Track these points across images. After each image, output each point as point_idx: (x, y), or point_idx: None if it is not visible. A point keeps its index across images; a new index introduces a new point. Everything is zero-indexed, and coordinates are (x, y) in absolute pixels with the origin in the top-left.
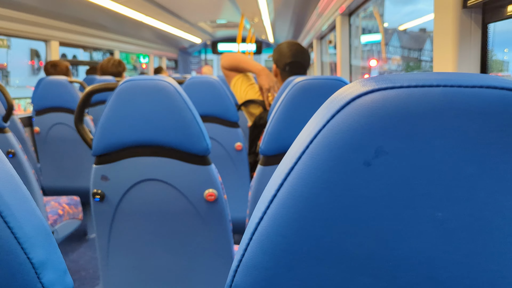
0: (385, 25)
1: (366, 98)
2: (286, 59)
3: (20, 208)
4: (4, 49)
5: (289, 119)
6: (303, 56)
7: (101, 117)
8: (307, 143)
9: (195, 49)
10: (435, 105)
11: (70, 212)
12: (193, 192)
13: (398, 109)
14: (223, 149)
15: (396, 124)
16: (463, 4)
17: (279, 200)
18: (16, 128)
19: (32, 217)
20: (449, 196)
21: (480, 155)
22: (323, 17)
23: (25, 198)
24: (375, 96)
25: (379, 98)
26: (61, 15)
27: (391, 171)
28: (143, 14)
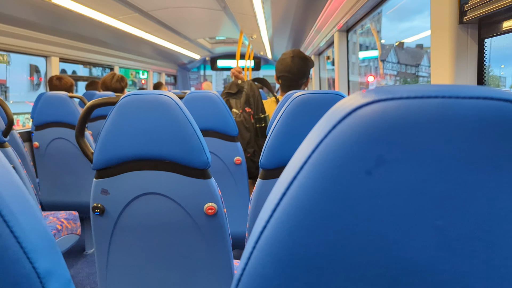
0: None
1: (367, 109)
2: (277, 72)
3: (26, 218)
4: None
5: (289, 133)
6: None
7: (101, 131)
8: (309, 153)
9: (194, 65)
10: (433, 116)
11: (69, 227)
12: (193, 205)
13: (398, 119)
14: (222, 163)
15: (396, 134)
16: (459, 20)
17: (282, 209)
18: (16, 143)
19: (38, 227)
20: (449, 204)
21: (478, 164)
22: (321, 34)
23: (31, 208)
24: (375, 107)
25: (379, 109)
26: (61, 31)
27: (391, 180)
28: (143, 30)
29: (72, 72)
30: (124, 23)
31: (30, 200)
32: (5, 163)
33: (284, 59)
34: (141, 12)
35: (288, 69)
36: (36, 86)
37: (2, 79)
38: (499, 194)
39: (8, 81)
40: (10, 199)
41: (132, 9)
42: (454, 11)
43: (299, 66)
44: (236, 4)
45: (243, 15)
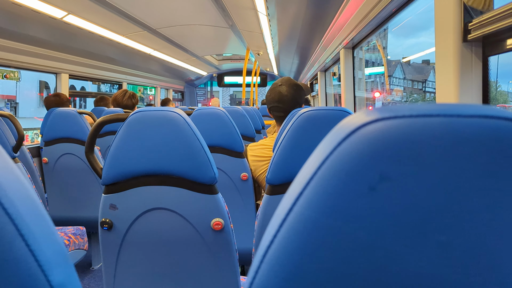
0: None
1: (370, 127)
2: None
3: (41, 230)
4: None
5: (295, 149)
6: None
7: (110, 147)
8: (315, 170)
9: (201, 81)
10: (434, 134)
11: (76, 242)
12: (200, 221)
13: (400, 137)
14: (229, 179)
15: (399, 151)
16: (463, 38)
17: (289, 225)
18: (25, 158)
19: (52, 239)
20: (451, 221)
21: (480, 182)
22: (327, 50)
23: (45, 220)
24: (378, 126)
25: (382, 127)
26: (71, 48)
27: (395, 196)
28: (151, 47)
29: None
30: (132, 41)
31: (44, 212)
32: (20, 176)
33: (273, 88)
34: (150, 29)
35: (278, 98)
36: None
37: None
38: (501, 212)
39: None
40: (26, 212)
41: (141, 27)
42: (458, 29)
43: (289, 94)
44: (243, 22)
45: (250, 33)
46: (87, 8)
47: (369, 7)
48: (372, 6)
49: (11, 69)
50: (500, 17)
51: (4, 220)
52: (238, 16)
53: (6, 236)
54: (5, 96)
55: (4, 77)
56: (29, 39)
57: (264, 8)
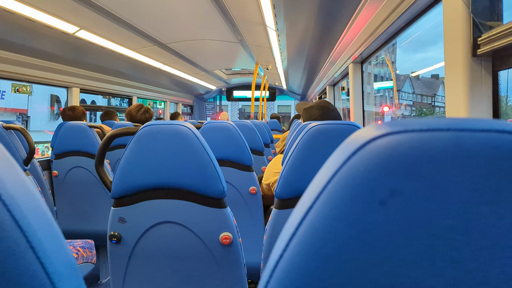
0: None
1: (380, 141)
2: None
3: (51, 243)
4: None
5: (304, 163)
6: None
7: (120, 160)
8: (325, 183)
9: (210, 95)
10: (445, 148)
11: (84, 255)
12: (209, 235)
13: (411, 152)
14: (237, 192)
15: (409, 166)
16: (472, 53)
17: (299, 238)
18: (36, 171)
19: (62, 251)
20: (464, 237)
21: (492, 197)
22: (336, 65)
23: (55, 233)
24: (388, 140)
25: (393, 141)
26: (82, 62)
27: (406, 210)
28: (161, 62)
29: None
30: (143, 55)
31: (55, 226)
32: (31, 189)
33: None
34: (160, 44)
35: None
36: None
37: (24, 109)
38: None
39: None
40: (37, 225)
41: (152, 42)
42: (468, 44)
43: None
44: (252, 37)
45: (259, 47)
46: (99, 24)
47: (377, 22)
48: (380, 21)
49: (24, 83)
50: (510, 32)
51: (16, 233)
52: (247, 31)
53: (17, 249)
54: (16, 109)
55: (16, 91)
56: (42, 53)
57: (273, 23)
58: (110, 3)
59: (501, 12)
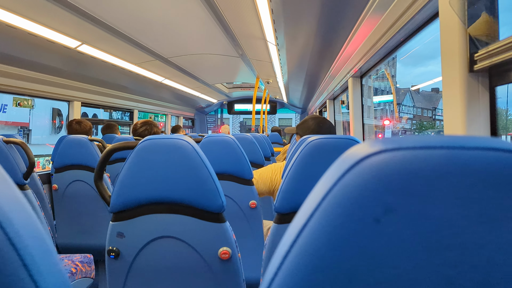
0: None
1: (374, 159)
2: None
3: (45, 261)
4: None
5: (303, 177)
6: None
7: (119, 174)
8: (319, 201)
9: (211, 109)
10: (438, 166)
11: (83, 270)
12: (207, 249)
13: (404, 169)
14: (237, 206)
15: (403, 184)
16: (469, 69)
17: (293, 257)
18: (35, 185)
19: (55, 270)
20: (460, 255)
21: (485, 215)
22: (336, 79)
23: (49, 251)
24: (382, 157)
25: (386, 159)
26: (84, 76)
27: (400, 228)
28: (162, 76)
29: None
30: (144, 69)
31: (49, 243)
32: (26, 206)
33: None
34: (161, 58)
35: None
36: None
37: (25, 122)
38: (508, 244)
39: (31, 124)
40: (32, 244)
41: (153, 56)
42: (464, 60)
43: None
44: (253, 52)
45: (259, 62)
46: (101, 38)
47: (376, 37)
48: (379, 36)
49: (25, 97)
50: (506, 48)
51: (9, 251)
52: (248, 46)
53: (10, 266)
54: (18, 123)
55: (18, 105)
56: (43, 68)
57: (274, 38)
58: (112, 18)
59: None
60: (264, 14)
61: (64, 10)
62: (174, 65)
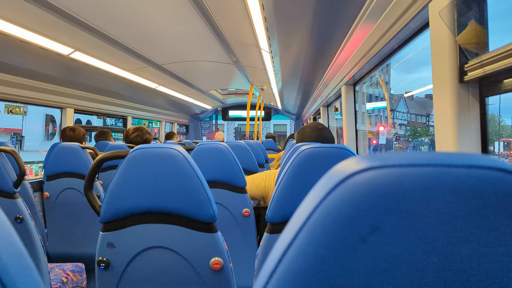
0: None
1: (360, 177)
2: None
3: (24, 279)
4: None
5: (295, 187)
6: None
7: (110, 183)
8: (304, 219)
9: (205, 115)
10: (425, 184)
11: (74, 279)
12: (199, 260)
13: (390, 188)
14: (230, 215)
15: (389, 202)
16: (459, 79)
17: (279, 276)
18: (26, 193)
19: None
20: (447, 272)
21: (470, 232)
22: (329, 86)
23: (29, 269)
24: (368, 175)
25: (372, 177)
26: (77, 83)
27: (386, 247)
28: (156, 82)
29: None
30: (138, 76)
31: (28, 261)
32: (5, 222)
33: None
34: (155, 65)
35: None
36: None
37: (18, 129)
38: (494, 261)
39: (24, 130)
40: (8, 261)
41: (146, 63)
42: (455, 71)
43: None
44: (247, 59)
45: (253, 69)
46: (94, 45)
47: (369, 45)
48: (372, 44)
49: (17, 104)
50: (495, 59)
51: None
52: (241, 53)
53: None
54: (11, 129)
55: (9, 112)
56: (36, 75)
57: (267, 45)
58: (105, 25)
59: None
60: (258, 22)
61: (57, 18)
62: (168, 72)
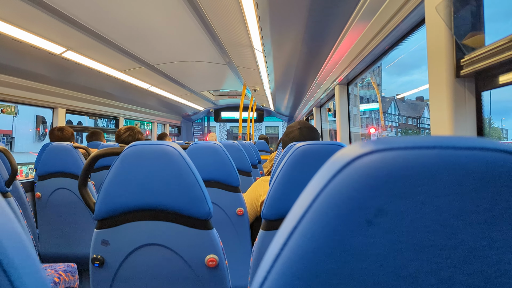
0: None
1: (365, 159)
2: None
3: (27, 269)
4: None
5: (290, 184)
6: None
7: (104, 181)
8: (310, 202)
9: (198, 116)
10: (430, 166)
11: (67, 280)
12: (194, 257)
13: (395, 170)
14: (224, 214)
15: (394, 184)
16: (456, 74)
17: (284, 260)
18: (18, 193)
19: (38, 278)
20: (452, 256)
21: (477, 215)
22: (322, 87)
23: (32, 258)
24: (373, 158)
25: (378, 159)
26: (68, 83)
27: (392, 229)
28: (149, 83)
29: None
30: (130, 76)
31: (31, 250)
32: (7, 211)
33: (291, 131)
34: (148, 65)
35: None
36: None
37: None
38: (500, 244)
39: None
40: (11, 248)
41: (139, 63)
42: (451, 65)
43: (308, 136)
44: (240, 59)
45: (246, 69)
46: (86, 45)
47: (362, 45)
48: (365, 43)
49: (8, 104)
50: (491, 54)
51: None
52: (235, 53)
53: None
54: (1, 131)
55: (1, 112)
56: (27, 74)
57: (261, 45)
58: (98, 25)
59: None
60: (251, 21)
61: (49, 16)
62: (160, 72)
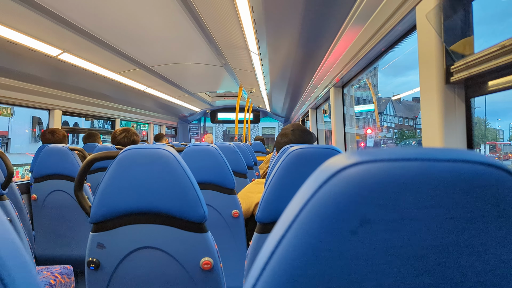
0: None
1: (351, 171)
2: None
3: (21, 274)
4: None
5: (284, 187)
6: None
7: (100, 184)
8: (296, 212)
9: (194, 117)
10: (412, 178)
11: (63, 282)
12: (189, 260)
13: (379, 181)
14: (220, 216)
15: (378, 195)
16: (446, 80)
17: (272, 267)
18: (14, 195)
19: (32, 282)
20: (436, 263)
21: (456, 225)
22: (318, 88)
23: (26, 263)
24: (358, 169)
25: (362, 171)
26: (64, 85)
27: (377, 239)
28: (145, 84)
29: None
30: (126, 78)
31: (25, 254)
32: (1, 219)
33: (284, 133)
34: (144, 67)
35: (290, 142)
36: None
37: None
38: (482, 255)
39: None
40: (5, 254)
41: (135, 65)
42: (441, 72)
43: (300, 138)
44: (236, 61)
45: (242, 71)
46: (82, 47)
47: (357, 48)
48: (360, 46)
49: (4, 106)
50: (480, 61)
51: None
52: (231, 55)
53: None
54: None
55: None
56: (23, 76)
57: (256, 48)
58: (94, 27)
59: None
60: (247, 24)
61: (45, 18)
62: (156, 74)
